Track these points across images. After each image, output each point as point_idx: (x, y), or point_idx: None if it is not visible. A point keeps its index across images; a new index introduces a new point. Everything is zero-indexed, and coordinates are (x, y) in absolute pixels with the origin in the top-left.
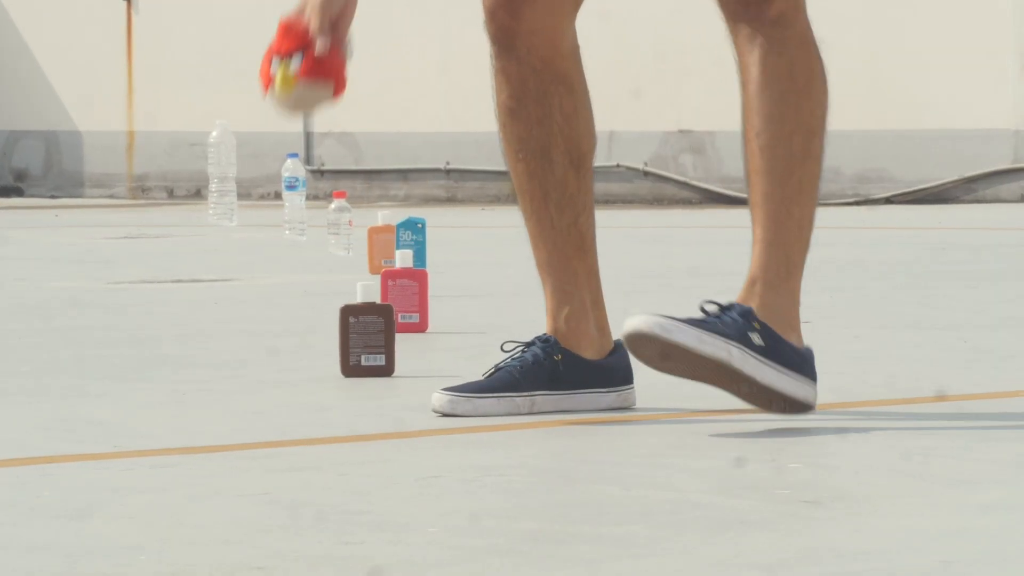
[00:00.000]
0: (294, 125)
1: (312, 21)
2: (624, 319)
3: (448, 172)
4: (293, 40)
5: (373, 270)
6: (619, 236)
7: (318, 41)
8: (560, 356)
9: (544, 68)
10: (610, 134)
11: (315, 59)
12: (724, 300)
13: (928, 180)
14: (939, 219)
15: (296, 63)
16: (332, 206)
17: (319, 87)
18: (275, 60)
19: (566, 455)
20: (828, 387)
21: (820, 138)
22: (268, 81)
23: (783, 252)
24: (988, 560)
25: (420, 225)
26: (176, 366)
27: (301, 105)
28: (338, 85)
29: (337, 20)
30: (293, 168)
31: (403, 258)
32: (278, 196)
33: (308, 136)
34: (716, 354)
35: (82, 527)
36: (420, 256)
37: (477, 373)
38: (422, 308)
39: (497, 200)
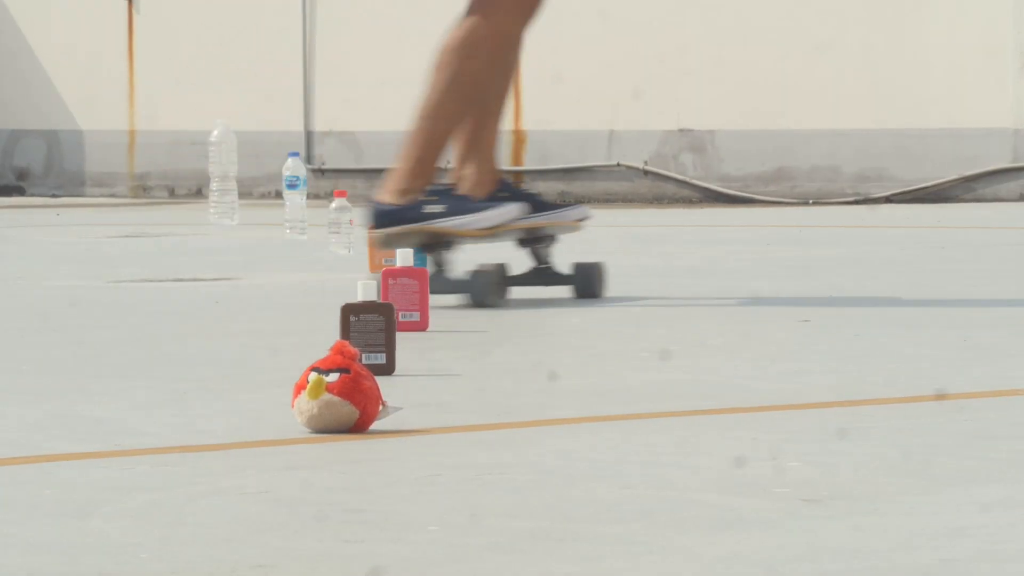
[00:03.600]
0: (295, 124)
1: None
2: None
3: (449, 171)
4: (338, 361)
5: (374, 269)
6: (619, 235)
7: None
8: None
9: None
10: (610, 133)
11: (352, 381)
12: None
13: (928, 179)
14: (939, 218)
15: (333, 377)
16: (333, 205)
17: (345, 407)
18: (314, 372)
19: (566, 453)
20: (828, 386)
21: None
22: (300, 389)
23: None
24: (988, 559)
25: None
26: (176, 365)
27: (323, 417)
28: (363, 418)
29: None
30: (294, 167)
31: (404, 257)
32: (279, 195)
33: (309, 135)
34: None
35: (82, 525)
36: (421, 255)
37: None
38: (423, 307)
39: None
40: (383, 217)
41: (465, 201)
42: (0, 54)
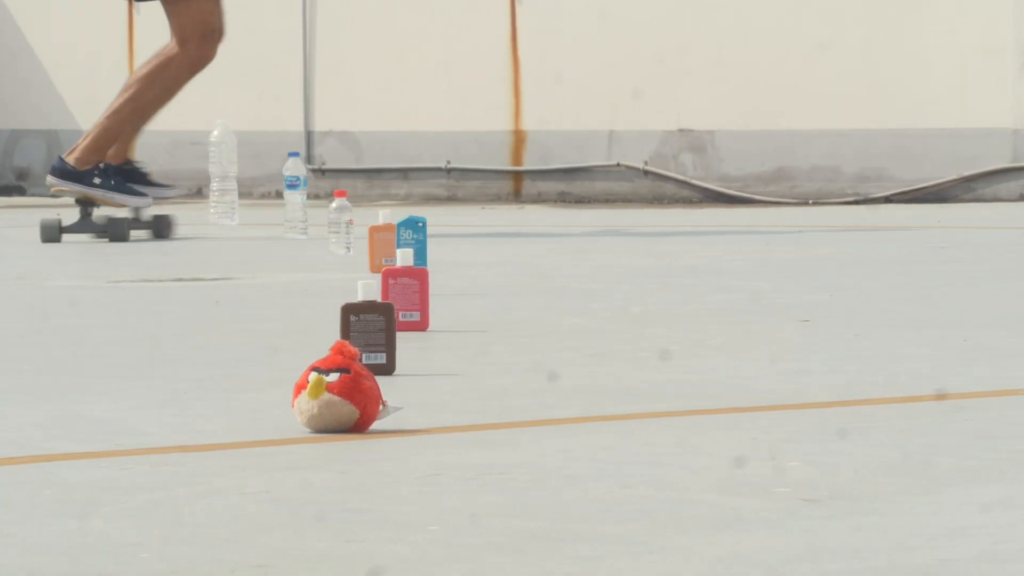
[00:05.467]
0: (295, 124)
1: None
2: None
3: (449, 171)
4: (338, 361)
5: (374, 269)
6: (619, 235)
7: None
8: None
9: None
10: (610, 133)
11: (352, 381)
12: None
13: (928, 179)
14: (938, 218)
15: (334, 377)
16: (333, 205)
17: (345, 407)
18: (314, 372)
19: (566, 453)
20: (828, 386)
21: None
22: (300, 389)
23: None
24: (988, 559)
25: (421, 224)
26: (176, 365)
27: (323, 417)
28: (363, 418)
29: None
30: (294, 167)
31: (404, 257)
32: (279, 195)
33: (309, 135)
34: None
35: (82, 525)
36: (421, 255)
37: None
38: (423, 307)
39: (498, 199)
40: (64, 174)
41: (119, 183)
42: (0, 54)
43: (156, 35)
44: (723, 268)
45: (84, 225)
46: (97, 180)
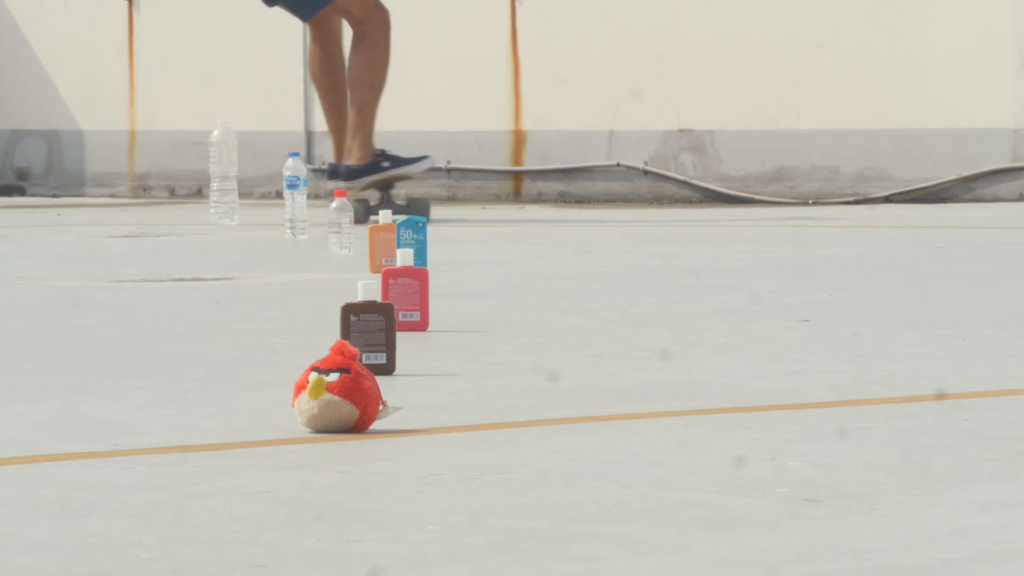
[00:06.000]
0: (295, 124)
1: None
2: None
3: (449, 171)
4: (338, 362)
5: (374, 269)
6: (619, 235)
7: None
8: None
9: None
10: (610, 133)
11: (352, 381)
12: None
13: (928, 179)
14: (938, 218)
15: (334, 377)
16: (333, 205)
17: (345, 407)
18: (314, 372)
19: (566, 453)
20: (828, 386)
21: None
22: (300, 388)
23: None
24: (987, 559)
25: (421, 224)
26: (176, 365)
27: (324, 417)
28: (363, 418)
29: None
30: (294, 167)
31: (404, 257)
32: (279, 195)
33: (309, 135)
34: None
35: (82, 525)
36: (421, 255)
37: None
38: (423, 307)
39: (498, 199)
40: (353, 175)
41: (398, 158)
42: (0, 54)
43: (157, 35)
44: (723, 268)
45: (389, 205)
46: (387, 164)
